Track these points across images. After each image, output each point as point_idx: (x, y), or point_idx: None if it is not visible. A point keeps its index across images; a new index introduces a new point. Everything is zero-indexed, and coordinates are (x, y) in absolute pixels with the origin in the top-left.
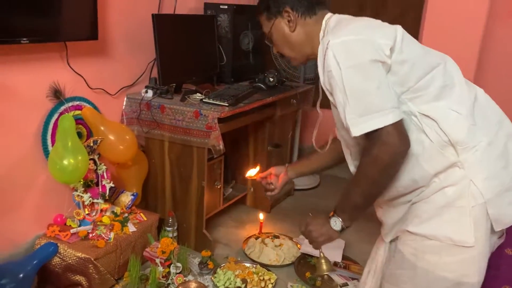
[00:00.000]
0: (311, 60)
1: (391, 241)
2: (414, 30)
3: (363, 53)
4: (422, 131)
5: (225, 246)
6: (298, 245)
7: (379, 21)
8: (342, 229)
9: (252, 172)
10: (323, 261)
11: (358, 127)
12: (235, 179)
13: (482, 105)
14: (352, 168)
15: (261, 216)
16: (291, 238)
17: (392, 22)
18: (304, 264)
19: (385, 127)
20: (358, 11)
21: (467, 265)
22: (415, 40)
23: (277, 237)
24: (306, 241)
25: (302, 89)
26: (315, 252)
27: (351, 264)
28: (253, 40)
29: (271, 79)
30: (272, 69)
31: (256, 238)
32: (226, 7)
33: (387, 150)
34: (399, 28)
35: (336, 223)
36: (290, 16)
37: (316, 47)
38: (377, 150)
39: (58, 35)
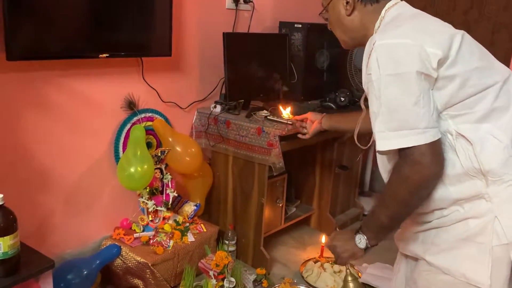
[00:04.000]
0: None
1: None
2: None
3: (407, 62)
4: (455, 152)
5: (283, 266)
6: (359, 274)
7: (439, 23)
8: (367, 247)
9: (287, 111)
10: (349, 278)
11: (386, 142)
12: (299, 199)
13: None
14: (385, 176)
15: (324, 239)
16: (352, 266)
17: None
18: None
19: (419, 146)
20: None
21: None
22: (480, 49)
23: None
24: (368, 270)
25: None
26: (376, 283)
27: None
28: (329, 58)
29: (342, 99)
30: (346, 88)
31: (315, 262)
32: (300, 25)
33: (419, 170)
34: (458, 35)
35: (361, 240)
36: None
37: (369, 37)
38: (409, 170)
39: (135, 51)
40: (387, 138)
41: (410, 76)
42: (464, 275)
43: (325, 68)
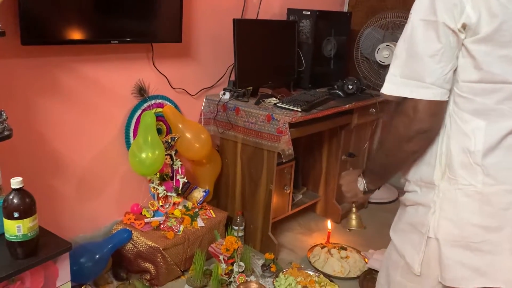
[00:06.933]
0: None
1: None
2: None
3: (440, 11)
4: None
5: (290, 252)
6: (366, 259)
7: None
8: (366, 191)
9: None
10: (353, 216)
11: (391, 86)
12: (306, 186)
13: None
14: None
15: (330, 225)
16: (358, 252)
17: None
18: (370, 279)
19: (416, 99)
20: None
21: None
22: None
23: (344, 248)
24: (374, 256)
25: (383, 98)
26: None
27: None
28: (336, 46)
29: (350, 87)
30: (353, 76)
31: (322, 247)
32: (308, 12)
33: (407, 123)
34: (508, 16)
35: (361, 183)
36: None
37: None
38: (397, 120)
39: (145, 37)
40: (394, 83)
41: (437, 26)
42: (404, 256)
43: (332, 56)
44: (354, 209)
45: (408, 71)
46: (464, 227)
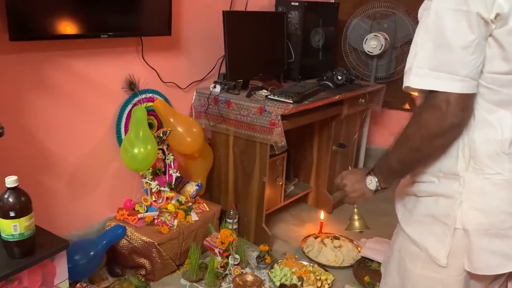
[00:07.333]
0: None
1: None
2: None
3: (475, 1)
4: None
5: (284, 243)
6: (359, 248)
7: None
8: (377, 190)
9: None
10: (356, 217)
11: (419, 80)
12: (297, 177)
13: None
14: None
15: (322, 215)
16: (351, 241)
17: None
18: (363, 268)
19: (448, 93)
20: None
21: (439, 286)
22: None
23: (337, 238)
24: (367, 244)
25: (372, 88)
26: (377, 257)
27: None
28: (324, 37)
29: (340, 77)
30: (342, 67)
31: (316, 238)
32: (297, 4)
33: (439, 118)
34: None
35: (372, 182)
36: None
37: None
38: (428, 115)
39: (135, 31)
40: (422, 76)
41: (470, 16)
42: (427, 249)
43: (321, 47)
44: (356, 210)
45: (436, 63)
46: (493, 215)
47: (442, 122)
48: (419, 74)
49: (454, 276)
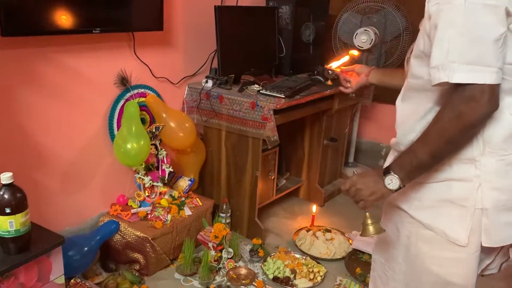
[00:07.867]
0: None
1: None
2: None
3: None
4: None
5: (276, 236)
6: (350, 241)
7: None
8: (399, 188)
9: (335, 64)
10: (369, 221)
11: (455, 74)
12: (289, 171)
13: None
14: (407, 127)
15: (314, 208)
16: (343, 233)
17: None
18: (355, 260)
19: (484, 84)
20: None
21: (455, 264)
22: None
23: (328, 231)
24: (358, 237)
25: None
26: (367, 249)
27: None
28: (314, 32)
29: (330, 72)
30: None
31: (308, 231)
32: None
33: (475, 108)
34: None
35: (393, 181)
36: None
37: None
38: (465, 107)
39: (127, 26)
40: (457, 71)
41: (499, 11)
42: (444, 232)
43: (311, 41)
44: (367, 214)
45: (470, 56)
46: (509, 191)
47: (479, 112)
48: (456, 69)
49: (471, 254)
